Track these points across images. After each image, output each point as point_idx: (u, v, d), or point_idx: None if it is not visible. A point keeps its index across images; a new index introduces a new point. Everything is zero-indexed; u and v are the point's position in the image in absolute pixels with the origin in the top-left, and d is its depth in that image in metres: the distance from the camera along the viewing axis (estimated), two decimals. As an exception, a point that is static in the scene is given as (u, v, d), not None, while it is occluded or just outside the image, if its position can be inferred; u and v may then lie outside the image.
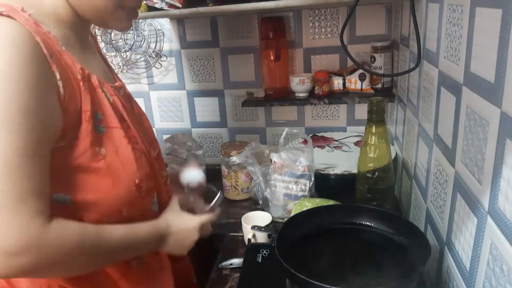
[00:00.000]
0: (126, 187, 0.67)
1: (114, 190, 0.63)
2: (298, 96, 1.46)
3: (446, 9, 0.75)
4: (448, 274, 0.75)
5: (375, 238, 0.82)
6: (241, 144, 1.37)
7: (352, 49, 1.44)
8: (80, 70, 0.63)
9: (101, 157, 0.64)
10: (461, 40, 0.67)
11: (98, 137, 0.65)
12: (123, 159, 0.67)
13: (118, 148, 0.67)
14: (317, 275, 0.63)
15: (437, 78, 0.82)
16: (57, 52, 0.60)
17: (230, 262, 0.96)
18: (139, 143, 0.73)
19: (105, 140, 0.66)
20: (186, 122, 1.70)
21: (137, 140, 0.73)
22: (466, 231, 0.66)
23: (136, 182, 0.69)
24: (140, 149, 0.72)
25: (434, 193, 0.85)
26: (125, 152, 0.68)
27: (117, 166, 0.66)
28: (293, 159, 1.16)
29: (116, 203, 0.68)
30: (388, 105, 1.44)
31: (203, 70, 1.60)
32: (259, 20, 1.48)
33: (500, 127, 0.53)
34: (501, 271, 0.53)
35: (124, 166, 0.67)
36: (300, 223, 0.84)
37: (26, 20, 0.57)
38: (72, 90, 0.61)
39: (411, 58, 1.06)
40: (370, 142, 0.99)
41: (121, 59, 1.60)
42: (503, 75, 0.52)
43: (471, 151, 0.63)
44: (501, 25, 0.52)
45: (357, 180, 1.06)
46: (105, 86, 0.69)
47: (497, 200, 0.54)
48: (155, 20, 1.55)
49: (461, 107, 0.68)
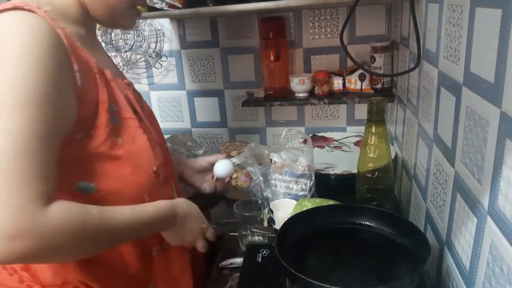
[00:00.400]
0: (145, 173, 0.69)
1: (134, 177, 0.65)
2: (298, 96, 1.46)
3: (446, 9, 0.76)
4: (448, 274, 0.75)
5: (375, 238, 0.82)
6: (241, 144, 1.37)
7: (352, 49, 1.44)
8: (95, 64, 0.66)
9: (119, 145, 0.66)
10: (461, 40, 0.67)
11: (115, 128, 0.67)
12: (140, 147, 0.69)
13: (134, 137, 0.69)
14: (317, 275, 0.63)
15: (437, 78, 0.82)
16: (74, 46, 0.62)
17: (230, 262, 0.96)
18: (152, 134, 0.75)
19: (121, 130, 0.68)
20: (186, 122, 1.70)
21: (151, 132, 0.74)
22: (466, 231, 0.66)
23: (154, 169, 0.71)
24: (154, 139, 0.74)
25: (434, 193, 0.85)
26: (141, 140, 0.70)
27: (135, 154, 0.68)
28: (293, 158, 1.16)
29: (138, 190, 0.70)
30: (388, 105, 1.44)
31: (203, 70, 1.60)
32: (259, 20, 1.48)
33: (500, 127, 0.53)
34: (501, 271, 0.53)
35: (142, 154, 0.69)
36: (300, 223, 0.84)
37: (43, 15, 0.59)
38: (89, 82, 0.64)
39: (411, 58, 1.07)
40: (370, 142, 0.99)
41: (121, 59, 1.60)
42: (503, 75, 0.52)
43: (471, 151, 0.63)
44: (501, 25, 0.52)
45: (357, 180, 1.06)
46: (117, 80, 0.71)
47: (497, 200, 0.54)
48: (155, 20, 1.55)
49: (461, 107, 0.68)
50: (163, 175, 0.73)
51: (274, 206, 1.09)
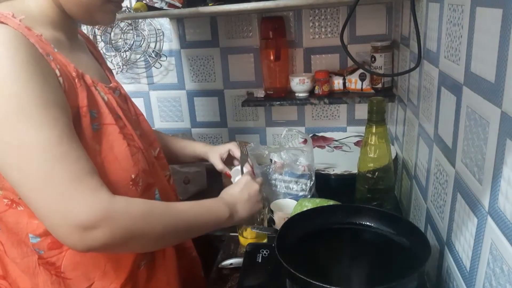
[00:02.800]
0: (122, 182, 0.68)
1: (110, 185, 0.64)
2: (298, 96, 1.46)
3: (446, 9, 0.75)
4: (448, 274, 0.75)
5: (375, 238, 0.82)
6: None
7: (352, 49, 1.44)
8: (74, 69, 0.65)
9: (97, 153, 0.65)
10: (461, 40, 0.67)
11: (95, 134, 0.66)
12: (118, 154, 0.68)
13: (113, 144, 0.68)
14: (317, 275, 0.63)
15: (437, 78, 0.82)
16: (51, 51, 0.62)
17: (230, 262, 0.96)
18: (135, 141, 0.73)
19: (100, 137, 0.67)
20: (186, 122, 1.70)
21: (134, 138, 0.73)
22: (466, 231, 0.66)
23: (132, 177, 0.69)
24: (136, 146, 0.73)
25: (434, 193, 0.85)
26: (120, 147, 0.69)
27: (112, 161, 0.67)
28: (293, 159, 1.16)
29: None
30: (388, 105, 1.44)
31: (203, 70, 1.60)
32: (259, 20, 1.48)
33: (500, 127, 0.53)
34: (501, 271, 0.53)
35: (119, 161, 0.68)
36: (300, 223, 0.83)
37: (18, 25, 0.59)
38: (70, 86, 0.63)
39: (412, 58, 1.06)
40: (370, 142, 0.99)
41: (120, 59, 1.59)
42: (503, 75, 0.51)
43: (472, 151, 0.63)
44: (502, 25, 0.52)
45: (357, 180, 1.06)
46: (98, 85, 0.70)
47: (497, 200, 0.54)
48: (155, 20, 1.55)
49: (461, 107, 0.68)
50: (144, 182, 0.72)
51: (274, 206, 1.08)
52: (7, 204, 0.65)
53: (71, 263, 0.69)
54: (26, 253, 0.69)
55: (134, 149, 0.71)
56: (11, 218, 0.66)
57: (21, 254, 0.69)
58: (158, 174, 0.79)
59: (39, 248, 0.67)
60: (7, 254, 0.70)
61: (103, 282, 0.71)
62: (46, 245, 0.67)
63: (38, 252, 0.68)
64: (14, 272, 0.70)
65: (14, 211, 0.66)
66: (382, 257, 0.77)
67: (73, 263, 0.69)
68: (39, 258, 0.68)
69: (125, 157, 0.69)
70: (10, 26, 0.58)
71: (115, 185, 0.66)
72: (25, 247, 0.68)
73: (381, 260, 0.76)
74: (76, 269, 0.69)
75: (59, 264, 0.68)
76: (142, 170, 0.72)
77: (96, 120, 0.67)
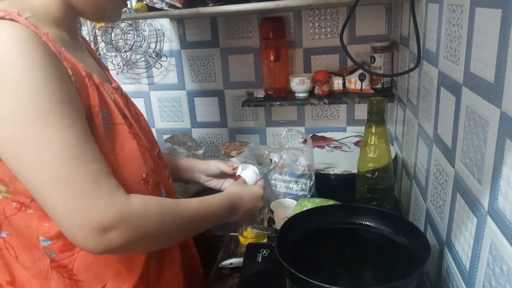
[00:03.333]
0: (134, 181, 0.68)
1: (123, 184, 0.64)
2: (298, 96, 1.46)
3: (446, 9, 0.76)
4: (448, 274, 0.75)
5: (375, 238, 0.82)
6: (241, 144, 1.37)
7: (352, 49, 1.45)
8: (83, 68, 0.64)
9: (110, 152, 0.65)
10: (461, 40, 0.67)
11: (106, 134, 0.66)
12: (129, 153, 0.69)
13: (124, 144, 0.68)
14: (317, 275, 0.63)
15: (436, 78, 0.82)
16: (60, 51, 0.61)
17: (230, 262, 0.96)
18: (142, 140, 0.74)
19: (112, 136, 0.67)
20: (186, 122, 1.70)
21: (141, 137, 0.74)
22: (466, 231, 0.66)
23: (143, 176, 0.70)
24: (144, 145, 0.73)
25: (433, 193, 0.85)
26: (130, 146, 0.69)
27: (124, 161, 0.67)
28: (293, 158, 1.16)
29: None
30: (388, 105, 1.44)
31: (203, 70, 1.61)
32: (259, 20, 1.48)
33: (499, 127, 0.53)
34: (501, 271, 0.53)
35: (131, 161, 0.68)
36: (300, 223, 0.84)
37: (26, 23, 0.57)
38: (81, 86, 0.62)
39: (411, 58, 1.07)
40: (370, 142, 0.99)
41: (121, 59, 1.60)
42: (502, 75, 0.52)
43: (471, 151, 0.63)
44: (501, 25, 0.52)
45: (357, 180, 1.06)
46: (104, 85, 0.69)
47: (496, 200, 0.54)
48: (155, 20, 1.55)
49: (460, 107, 0.68)
50: (153, 181, 0.72)
51: (274, 206, 1.09)
52: (15, 207, 0.64)
53: (83, 265, 0.68)
54: (38, 257, 0.68)
55: (142, 148, 0.71)
56: (21, 222, 0.65)
57: (33, 259, 0.68)
58: (162, 173, 0.80)
59: (50, 251, 0.67)
60: (18, 259, 0.68)
61: (115, 283, 0.70)
62: (57, 247, 0.66)
63: (50, 255, 0.67)
64: (21, 278, 0.69)
65: (23, 214, 0.65)
66: (382, 257, 0.77)
67: (85, 264, 0.68)
68: (51, 262, 0.67)
69: (136, 156, 0.69)
70: (21, 23, 0.56)
71: (128, 184, 0.65)
72: (36, 251, 0.67)
73: (380, 260, 0.76)
74: (88, 271, 0.69)
75: (71, 266, 0.68)
76: (151, 169, 0.72)
77: (107, 120, 0.66)
